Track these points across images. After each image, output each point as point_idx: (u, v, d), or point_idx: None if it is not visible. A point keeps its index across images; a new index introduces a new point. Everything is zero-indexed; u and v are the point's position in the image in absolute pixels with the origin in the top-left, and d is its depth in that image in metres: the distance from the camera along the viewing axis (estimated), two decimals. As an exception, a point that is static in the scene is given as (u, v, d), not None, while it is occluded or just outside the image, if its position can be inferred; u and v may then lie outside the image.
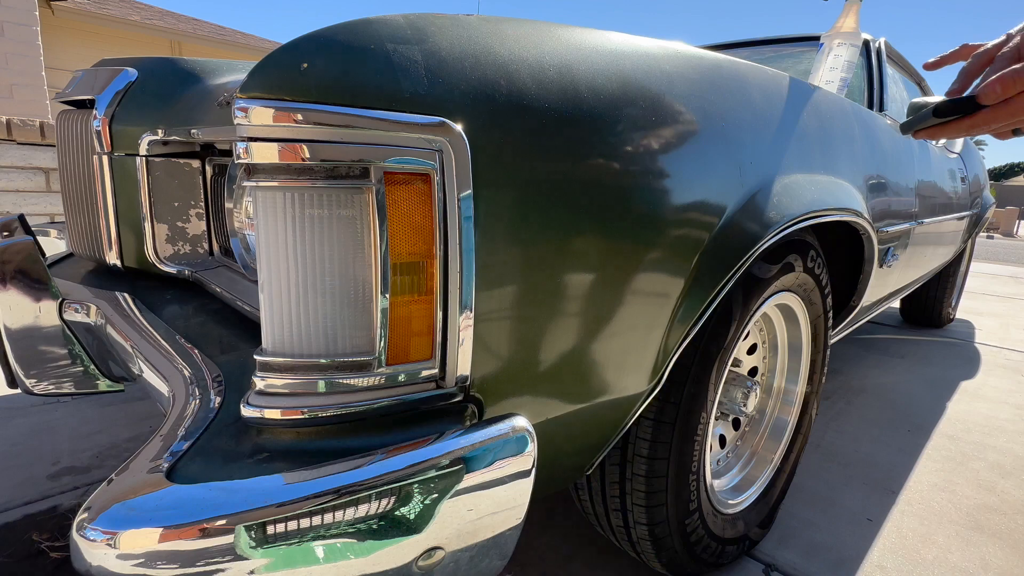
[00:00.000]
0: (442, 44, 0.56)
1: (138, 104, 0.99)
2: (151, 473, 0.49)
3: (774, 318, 1.14)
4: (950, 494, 1.43)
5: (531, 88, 0.59)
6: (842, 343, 2.83)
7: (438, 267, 0.55)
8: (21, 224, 1.14)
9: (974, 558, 1.18)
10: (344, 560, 0.49)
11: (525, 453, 0.58)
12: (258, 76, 0.50)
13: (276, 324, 0.54)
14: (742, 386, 1.05)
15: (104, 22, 7.24)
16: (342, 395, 0.54)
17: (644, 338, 0.72)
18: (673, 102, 0.72)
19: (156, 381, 0.70)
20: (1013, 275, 5.92)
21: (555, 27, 0.67)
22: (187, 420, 0.57)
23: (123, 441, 1.47)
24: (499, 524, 0.58)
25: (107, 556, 0.43)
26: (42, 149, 2.90)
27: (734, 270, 0.78)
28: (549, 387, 0.65)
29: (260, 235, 0.52)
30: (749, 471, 1.18)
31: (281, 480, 0.48)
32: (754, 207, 0.81)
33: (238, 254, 0.92)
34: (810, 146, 0.98)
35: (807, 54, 2.07)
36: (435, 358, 0.57)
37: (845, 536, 1.23)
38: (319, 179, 0.50)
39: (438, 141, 0.52)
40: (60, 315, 0.94)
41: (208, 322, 0.86)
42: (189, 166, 1.01)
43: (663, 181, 0.69)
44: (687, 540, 0.95)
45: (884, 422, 1.87)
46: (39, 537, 1.09)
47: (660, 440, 0.84)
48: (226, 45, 8.51)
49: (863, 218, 1.15)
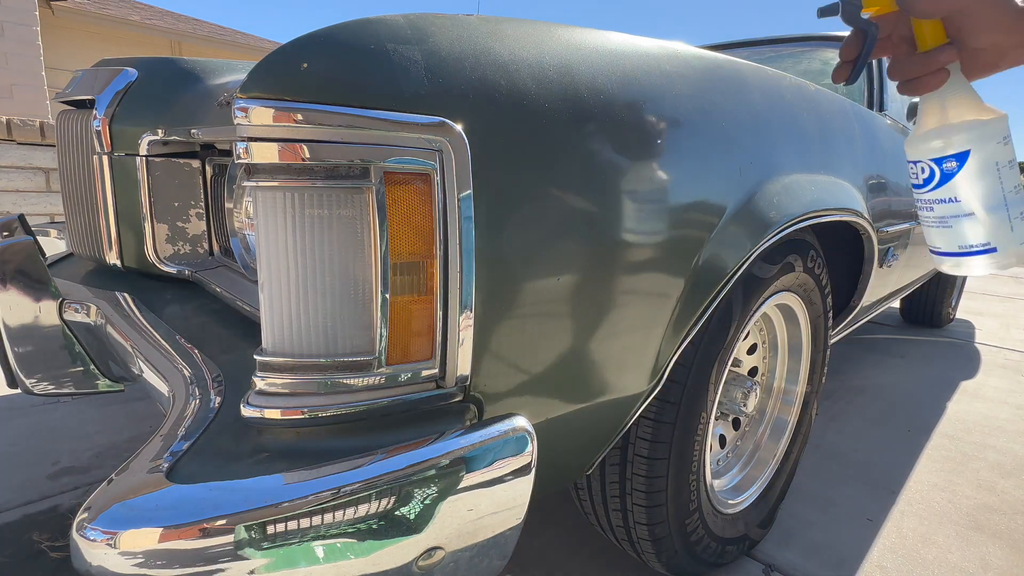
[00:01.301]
0: (442, 44, 0.56)
1: (138, 104, 0.99)
2: (151, 473, 0.49)
3: (774, 318, 1.14)
4: (950, 494, 1.43)
5: (531, 88, 0.59)
6: (842, 343, 2.83)
7: (438, 267, 0.55)
8: (21, 224, 1.14)
9: (974, 558, 1.18)
10: (344, 560, 0.49)
11: (525, 453, 0.58)
12: (258, 76, 0.50)
13: (276, 324, 0.54)
14: (742, 386, 1.05)
15: (104, 22, 7.24)
16: (342, 395, 0.54)
17: (644, 338, 0.72)
18: (673, 102, 0.72)
19: (156, 381, 0.70)
20: (1013, 275, 5.92)
21: (555, 27, 0.67)
22: (187, 420, 0.57)
23: (123, 441, 1.47)
24: (499, 524, 0.58)
25: (107, 556, 0.43)
26: (42, 149, 2.90)
27: (734, 270, 0.78)
28: (549, 387, 0.65)
29: (260, 235, 0.52)
30: (749, 471, 1.18)
31: (281, 480, 0.48)
32: (754, 207, 0.81)
33: (238, 254, 0.92)
34: (810, 146, 0.98)
35: (807, 54, 2.07)
36: (435, 358, 0.57)
37: (845, 536, 1.23)
38: (319, 179, 0.50)
39: (438, 141, 0.52)
40: (60, 315, 0.94)
41: (208, 322, 0.86)
42: (189, 166, 1.01)
43: (663, 181, 0.69)
44: (687, 540, 0.95)
45: (884, 422, 1.87)
46: (39, 537, 1.09)
47: (660, 440, 0.84)
48: (226, 45, 8.52)
49: (863, 218, 1.15)
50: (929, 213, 0.58)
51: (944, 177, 0.55)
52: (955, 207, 0.55)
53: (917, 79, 0.54)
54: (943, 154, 0.55)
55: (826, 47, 2.05)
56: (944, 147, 0.54)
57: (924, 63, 0.53)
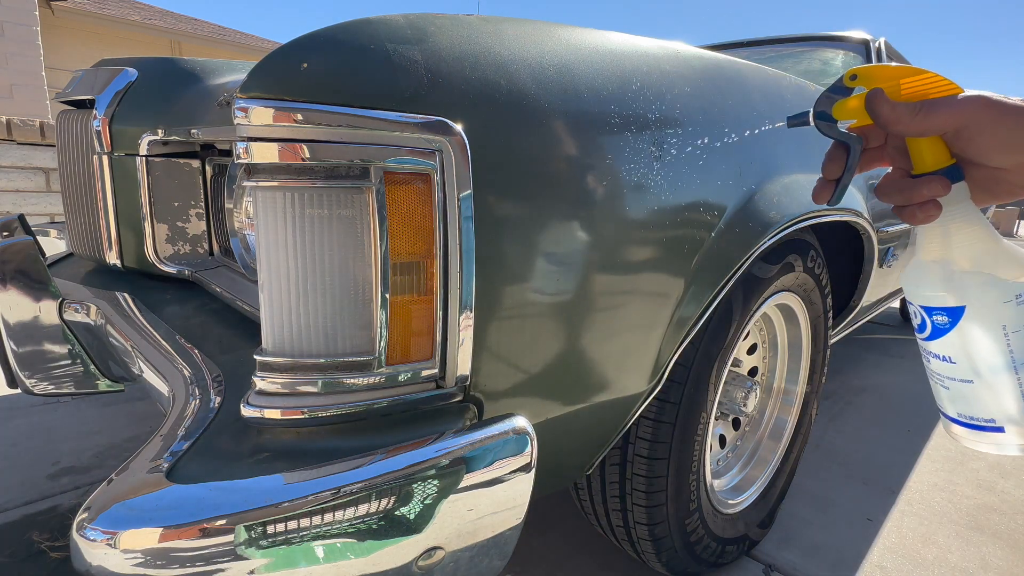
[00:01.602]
0: (442, 44, 0.56)
1: (138, 104, 0.99)
2: (151, 473, 0.48)
3: (774, 318, 1.14)
4: (950, 494, 1.43)
5: (531, 88, 0.59)
6: (842, 343, 2.83)
7: (438, 267, 0.55)
8: (21, 224, 1.14)
9: (974, 558, 1.18)
10: (344, 560, 0.49)
11: (525, 453, 0.58)
12: (258, 76, 0.50)
13: (276, 324, 0.54)
14: (742, 386, 1.05)
15: (104, 22, 7.24)
16: (342, 395, 0.54)
17: (644, 338, 0.72)
18: (673, 102, 0.72)
19: (156, 381, 0.70)
20: (1013, 275, 5.91)
21: (555, 27, 0.67)
22: (187, 420, 0.57)
23: (123, 441, 1.47)
24: (499, 524, 0.58)
25: (107, 556, 0.43)
26: (42, 149, 2.90)
27: (734, 270, 0.78)
28: (549, 387, 0.65)
29: (260, 235, 0.52)
30: (749, 471, 1.18)
31: (281, 480, 0.48)
32: (754, 207, 0.80)
33: (238, 254, 0.92)
34: (810, 146, 0.98)
35: (807, 54, 2.07)
36: (435, 358, 0.57)
37: (845, 536, 1.23)
38: (319, 179, 0.50)
39: (438, 141, 0.52)
40: (60, 315, 0.93)
41: (208, 322, 0.86)
42: (189, 166, 1.01)
43: (663, 181, 0.69)
44: (687, 540, 0.95)
45: (884, 422, 1.87)
46: (39, 537, 1.09)
47: (660, 440, 0.84)
48: (226, 45, 8.52)
49: (863, 218, 1.15)
50: (928, 365, 0.47)
51: (936, 331, 0.44)
52: (951, 368, 0.44)
53: (905, 208, 0.43)
54: (932, 304, 0.44)
55: (826, 47, 2.05)
56: (935, 297, 0.43)
57: (910, 192, 0.42)
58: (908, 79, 0.42)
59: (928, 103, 0.40)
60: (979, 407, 0.43)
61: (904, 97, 0.42)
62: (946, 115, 0.39)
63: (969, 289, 0.42)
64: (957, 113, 0.39)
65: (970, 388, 0.43)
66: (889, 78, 0.42)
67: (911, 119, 0.40)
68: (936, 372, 0.46)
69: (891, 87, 0.42)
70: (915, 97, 0.42)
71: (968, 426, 0.45)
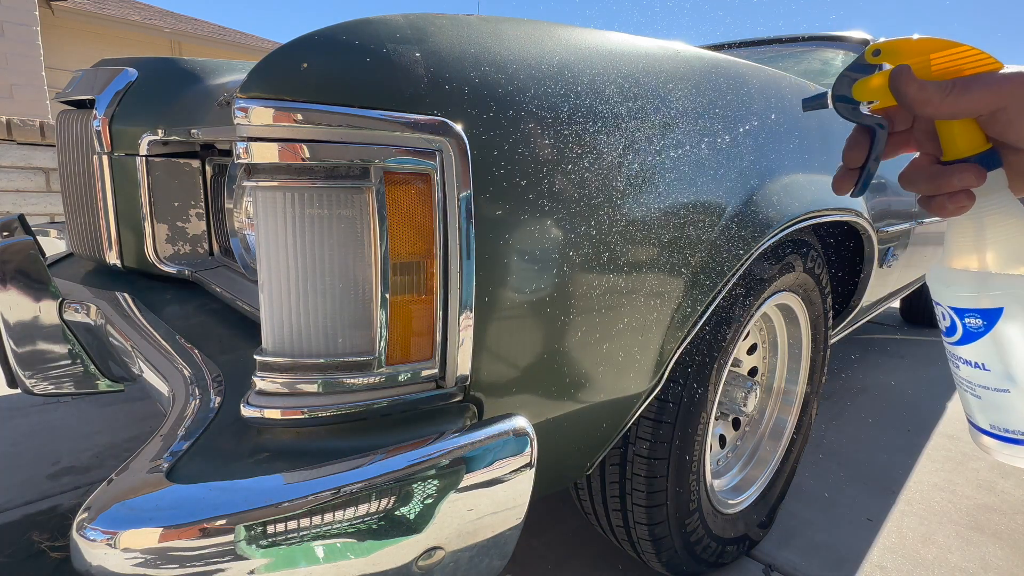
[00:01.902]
0: (442, 44, 0.56)
1: (138, 104, 0.99)
2: (151, 473, 0.49)
3: (774, 318, 1.14)
4: (950, 494, 1.43)
5: (531, 88, 0.59)
6: (842, 343, 2.83)
7: (438, 267, 0.55)
8: (21, 224, 1.14)
9: (974, 558, 1.18)
10: (344, 560, 0.49)
11: (525, 453, 0.58)
12: (258, 76, 0.50)
13: (276, 324, 0.54)
14: (742, 386, 1.05)
15: (104, 22, 7.24)
16: (342, 395, 0.54)
17: (644, 338, 0.72)
18: (673, 102, 0.72)
19: (156, 381, 0.70)
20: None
21: (555, 27, 0.67)
22: (187, 420, 0.57)
23: (123, 441, 1.47)
24: (499, 524, 0.58)
25: (107, 556, 0.43)
26: (42, 149, 2.90)
27: (734, 270, 0.78)
28: (549, 387, 0.65)
29: (260, 235, 0.52)
30: (749, 471, 1.18)
31: (281, 480, 0.48)
32: (754, 207, 0.80)
33: (238, 254, 0.92)
34: (810, 146, 0.98)
35: (807, 54, 2.07)
36: (435, 358, 0.57)
37: (845, 536, 1.23)
38: (319, 179, 0.50)
39: (438, 141, 0.52)
40: (60, 315, 0.94)
41: (208, 322, 0.86)
42: (189, 166, 1.01)
43: (663, 181, 0.69)
44: (687, 540, 0.95)
45: (884, 422, 1.87)
46: (39, 537, 1.09)
47: (660, 440, 0.84)
48: (226, 45, 8.52)
49: (863, 218, 1.15)
50: (956, 371, 0.43)
51: (968, 335, 0.40)
52: (983, 376, 0.40)
53: (933, 198, 0.38)
54: (963, 305, 0.40)
55: (826, 47, 2.05)
56: (969, 298, 0.39)
57: (938, 181, 0.37)
58: (939, 53, 0.37)
59: (961, 81, 0.36)
60: (1016, 418, 0.40)
61: (934, 74, 0.37)
62: (982, 95, 0.34)
63: (1007, 290, 0.38)
64: (995, 92, 0.34)
65: (1006, 398, 0.40)
66: (917, 53, 0.38)
67: (942, 99, 0.35)
68: (966, 379, 0.42)
69: (919, 63, 0.38)
70: (947, 74, 0.37)
71: (1002, 439, 0.41)
